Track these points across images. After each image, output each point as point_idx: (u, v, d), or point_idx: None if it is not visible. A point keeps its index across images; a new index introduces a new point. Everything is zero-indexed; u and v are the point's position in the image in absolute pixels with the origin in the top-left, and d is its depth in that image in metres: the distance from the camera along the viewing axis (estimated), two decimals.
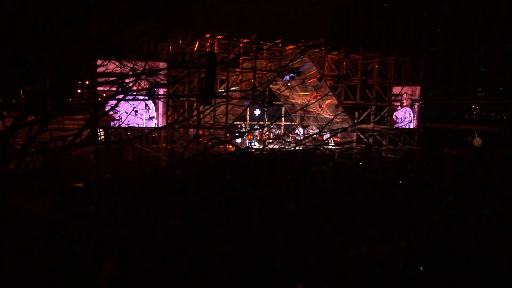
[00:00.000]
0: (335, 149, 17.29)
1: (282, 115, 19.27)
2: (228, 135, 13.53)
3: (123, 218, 5.75)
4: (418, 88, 19.25)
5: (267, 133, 18.26)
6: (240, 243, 4.56)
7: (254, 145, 15.62)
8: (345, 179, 9.38)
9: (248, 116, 19.79)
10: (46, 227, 5.47)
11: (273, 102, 19.17)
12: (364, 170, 10.91)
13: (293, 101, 19.82)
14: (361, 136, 17.74)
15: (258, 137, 17.48)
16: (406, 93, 18.76)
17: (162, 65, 12.58)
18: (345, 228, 5.63)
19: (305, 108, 20.27)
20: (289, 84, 16.67)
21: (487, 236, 5.39)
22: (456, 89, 32.59)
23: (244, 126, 18.87)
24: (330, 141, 18.05)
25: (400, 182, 9.29)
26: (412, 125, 19.19)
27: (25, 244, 4.46)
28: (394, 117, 18.23)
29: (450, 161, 14.36)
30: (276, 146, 17.31)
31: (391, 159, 16.11)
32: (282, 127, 20.63)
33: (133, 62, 4.77)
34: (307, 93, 18.14)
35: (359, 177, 9.93)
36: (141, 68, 4.91)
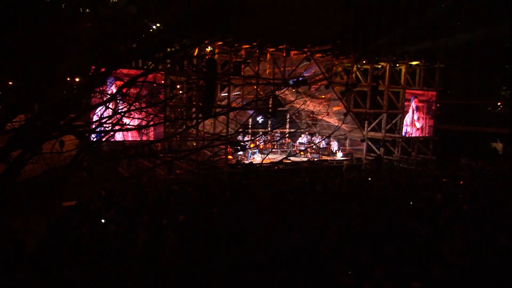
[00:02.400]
0: (343, 160, 17.41)
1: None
2: (229, 147, 13.69)
3: (118, 250, 5.95)
4: (434, 93, 19.28)
5: (270, 142, 18.41)
6: (241, 283, 4.72)
7: (256, 156, 15.76)
8: (352, 199, 9.49)
9: (250, 122, 19.94)
10: (40, 262, 5.69)
11: (277, 108, 19.35)
12: (372, 187, 11.02)
13: (297, 106, 19.95)
14: (372, 145, 17.80)
15: (261, 147, 17.62)
16: (419, 98, 18.80)
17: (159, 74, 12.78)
18: (351, 262, 5.77)
19: (311, 115, 20.45)
20: (294, 90, 16.83)
21: (503, 274, 5.49)
22: (477, 88, 32.16)
23: (246, 137, 19.02)
24: (338, 152, 18.15)
25: (411, 203, 9.39)
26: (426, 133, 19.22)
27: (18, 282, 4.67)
28: (409, 130, 18.25)
29: (467, 175, 14.38)
30: (280, 157, 17.47)
31: (403, 172, 16.16)
32: (287, 135, 20.73)
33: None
34: (313, 98, 18.24)
35: (368, 196, 10.04)
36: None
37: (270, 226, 7.08)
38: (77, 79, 5.48)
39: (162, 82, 12.95)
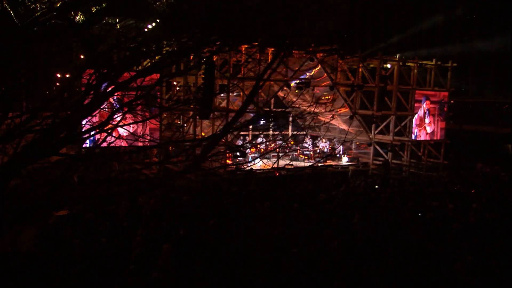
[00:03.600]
0: (349, 165, 17.43)
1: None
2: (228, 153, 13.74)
3: (110, 264, 6.03)
4: (446, 94, 19.25)
5: (272, 145, 18.44)
6: None
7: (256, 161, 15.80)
8: (357, 209, 9.53)
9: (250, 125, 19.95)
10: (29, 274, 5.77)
11: (279, 110, 19.41)
12: (379, 196, 11.05)
13: (301, 107, 19.99)
14: (379, 149, 17.80)
15: (262, 151, 17.65)
16: (431, 100, 18.78)
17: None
18: (354, 280, 5.82)
19: (315, 117, 20.44)
20: (297, 91, 16.86)
21: None
22: (494, 85, 31.80)
23: (246, 140, 19.07)
24: (343, 156, 18.16)
25: (419, 214, 9.43)
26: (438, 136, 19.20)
27: None
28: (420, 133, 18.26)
29: (480, 182, 14.37)
30: (282, 162, 17.48)
31: (412, 178, 16.17)
32: (289, 138, 20.76)
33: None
34: (317, 100, 18.25)
35: (374, 206, 10.08)
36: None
37: (270, 240, 7.15)
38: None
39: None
